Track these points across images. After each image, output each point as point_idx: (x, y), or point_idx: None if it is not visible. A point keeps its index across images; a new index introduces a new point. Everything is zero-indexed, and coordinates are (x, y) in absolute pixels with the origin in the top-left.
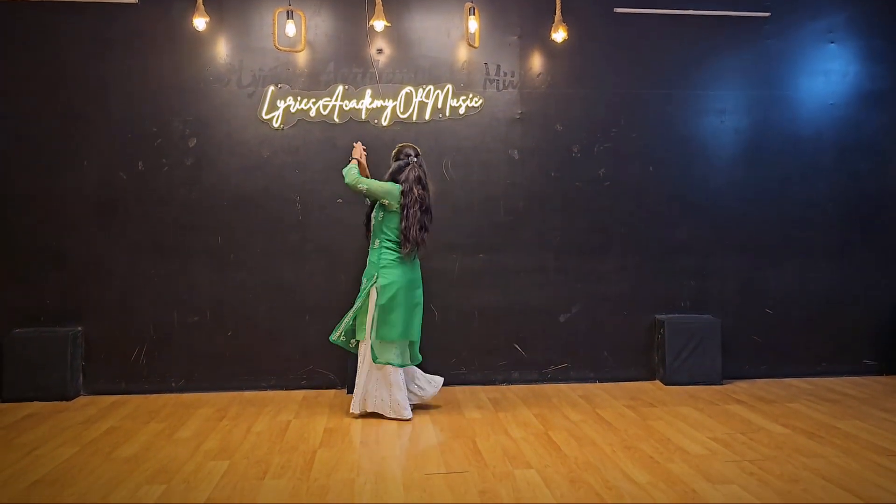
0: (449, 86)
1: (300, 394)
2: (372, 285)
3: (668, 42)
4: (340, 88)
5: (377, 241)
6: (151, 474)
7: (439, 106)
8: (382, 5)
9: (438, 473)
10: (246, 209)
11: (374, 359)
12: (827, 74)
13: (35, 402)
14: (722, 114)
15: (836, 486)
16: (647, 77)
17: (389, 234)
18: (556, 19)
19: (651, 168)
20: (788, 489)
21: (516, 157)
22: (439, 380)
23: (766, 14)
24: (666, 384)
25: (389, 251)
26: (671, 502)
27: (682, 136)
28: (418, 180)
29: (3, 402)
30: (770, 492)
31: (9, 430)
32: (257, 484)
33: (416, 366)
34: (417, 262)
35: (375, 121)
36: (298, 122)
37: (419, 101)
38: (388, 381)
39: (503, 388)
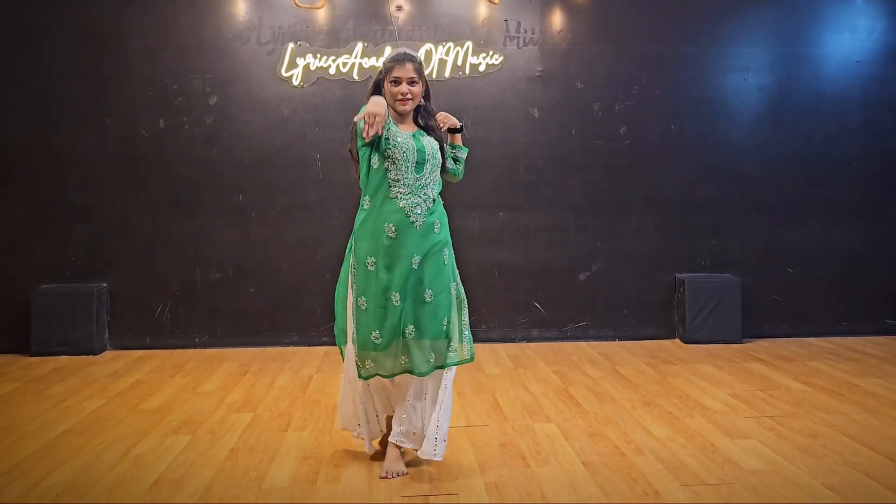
0: (469, 43)
1: (322, 349)
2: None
3: None
4: (360, 46)
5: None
6: (177, 425)
7: (459, 63)
8: None
9: (459, 427)
10: (267, 167)
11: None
12: (853, 31)
13: (62, 357)
14: (745, 71)
15: (856, 441)
16: (669, 34)
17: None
18: None
19: (673, 126)
20: (808, 444)
21: (536, 116)
22: None
23: None
24: (685, 343)
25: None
26: (690, 455)
27: (704, 94)
28: None
29: (31, 356)
30: (789, 446)
31: (37, 383)
32: (280, 435)
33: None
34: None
35: None
36: (318, 79)
37: (439, 59)
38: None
39: (523, 345)
